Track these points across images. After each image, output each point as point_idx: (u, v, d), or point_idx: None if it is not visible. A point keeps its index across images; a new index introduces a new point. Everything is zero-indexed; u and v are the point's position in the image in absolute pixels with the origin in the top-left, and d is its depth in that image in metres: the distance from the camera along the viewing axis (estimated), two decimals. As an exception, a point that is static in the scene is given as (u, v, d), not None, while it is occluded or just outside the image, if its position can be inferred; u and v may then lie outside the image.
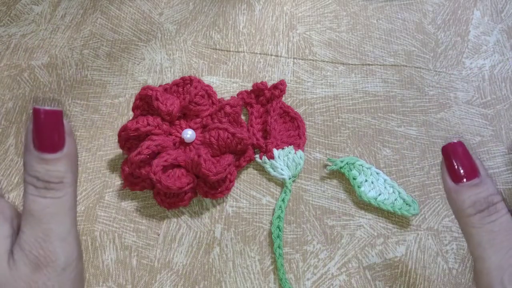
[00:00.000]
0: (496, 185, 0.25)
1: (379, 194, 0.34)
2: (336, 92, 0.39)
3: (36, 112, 0.23)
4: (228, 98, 0.37)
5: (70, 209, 0.24)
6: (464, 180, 0.25)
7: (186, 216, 0.34)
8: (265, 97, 0.36)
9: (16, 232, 0.24)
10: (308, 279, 0.32)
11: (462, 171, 0.25)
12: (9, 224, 0.24)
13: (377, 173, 0.35)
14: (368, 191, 0.34)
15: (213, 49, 0.41)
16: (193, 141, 0.34)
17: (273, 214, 0.34)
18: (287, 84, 0.38)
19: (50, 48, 0.41)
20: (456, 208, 0.25)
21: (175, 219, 0.34)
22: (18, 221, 0.25)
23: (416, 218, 0.34)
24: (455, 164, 0.25)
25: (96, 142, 0.36)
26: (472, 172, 0.25)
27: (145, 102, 0.33)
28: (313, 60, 0.40)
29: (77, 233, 0.25)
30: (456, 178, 0.25)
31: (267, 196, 0.35)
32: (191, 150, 0.33)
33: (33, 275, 0.23)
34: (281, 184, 0.35)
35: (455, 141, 0.25)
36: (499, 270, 0.23)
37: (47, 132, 0.23)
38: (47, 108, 0.23)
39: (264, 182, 0.35)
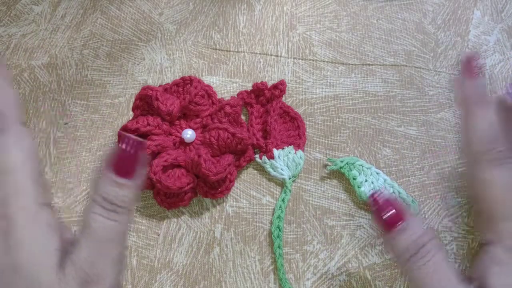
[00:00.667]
0: (424, 224, 0.26)
1: (382, 189, 0.34)
2: (336, 92, 0.39)
3: (123, 139, 0.25)
4: (228, 98, 0.37)
5: (125, 234, 0.26)
6: (393, 227, 0.25)
7: (186, 216, 0.34)
8: (265, 97, 0.36)
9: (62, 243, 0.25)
10: (308, 279, 0.32)
11: (389, 219, 0.25)
12: (58, 237, 0.25)
13: (377, 173, 0.35)
14: (368, 191, 0.34)
15: (213, 49, 0.41)
16: (193, 141, 0.34)
17: (273, 214, 0.34)
18: (287, 84, 0.38)
19: (50, 48, 0.41)
20: (394, 256, 0.26)
21: (175, 219, 0.34)
22: (63, 230, 0.25)
23: (418, 216, 0.34)
24: (381, 213, 0.26)
25: (96, 142, 0.37)
26: (398, 218, 0.25)
27: (145, 102, 0.33)
28: (313, 60, 0.40)
29: (124, 257, 0.26)
30: (386, 226, 0.25)
31: (267, 196, 0.35)
32: (191, 150, 0.33)
33: None
34: (281, 184, 0.35)
35: (376, 191, 0.26)
36: None
37: (129, 159, 0.25)
38: (134, 137, 0.24)
39: (264, 182, 0.35)
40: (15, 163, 0.25)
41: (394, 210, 0.25)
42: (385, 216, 0.25)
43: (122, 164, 0.25)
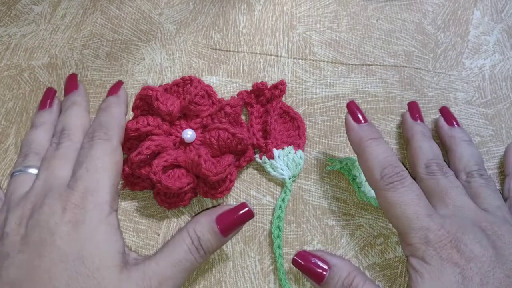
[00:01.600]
0: (348, 262, 0.29)
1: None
2: (336, 92, 0.39)
3: (243, 206, 0.29)
4: (228, 98, 0.37)
5: (191, 273, 0.30)
6: (322, 280, 0.28)
7: (186, 216, 0.34)
8: (265, 97, 0.36)
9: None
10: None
11: (315, 275, 0.29)
12: (123, 242, 0.28)
13: (377, 173, 0.35)
14: (368, 191, 0.34)
15: (213, 49, 0.41)
16: (193, 141, 0.34)
17: (273, 214, 0.34)
18: (287, 84, 0.38)
19: (50, 48, 0.41)
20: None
21: (175, 219, 0.34)
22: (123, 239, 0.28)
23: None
24: (309, 271, 0.29)
25: (96, 142, 0.36)
26: (322, 270, 0.28)
27: (145, 102, 0.33)
28: (313, 60, 0.40)
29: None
30: (317, 280, 0.29)
31: (267, 196, 0.35)
32: (191, 150, 0.33)
33: None
34: (281, 184, 0.35)
35: (300, 251, 0.30)
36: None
37: (236, 222, 0.29)
38: (251, 209, 0.29)
39: (264, 182, 0.35)
40: (106, 165, 0.28)
41: (315, 266, 0.28)
42: (310, 274, 0.29)
43: (228, 223, 0.28)
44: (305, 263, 0.29)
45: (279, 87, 0.36)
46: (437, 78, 0.40)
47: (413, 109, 0.36)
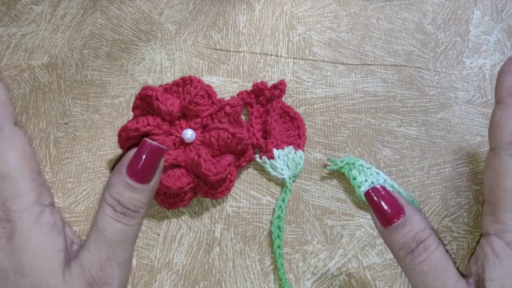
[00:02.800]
0: (425, 218, 0.26)
1: (382, 185, 0.34)
2: (336, 92, 0.39)
3: (144, 144, 0.24)
4: (228, 98, 0.37)
5: (135, 239, 0.25)
6: (391, 222, 0.25)
7: (186, 216, 0.34)
8: (265, 97, 0.36)
9: (67, 244, 0.24)
10: (308, 279, 0.32)
11: (387, 214, 0.25)
12: (63, 237, 0.24)
13: (377, 173, 0.35)
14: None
15: (213, 49, 0.41)
16: (193, 141, 0.34)
17: (273, 214, 0.34)
18: (287, 84, 0.38)
19: (50, 48, 0.41)
20: (392, 251, 0.25)
21: (175, 219, 0.34)
22: (67, 231, 0.25)
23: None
24: (380, 208, 0.25)
25: (96, 142, 0.37)
26: (397, 212, 0.25)
27: (145, 102, 0.33)
28: (313, 60, 0.40)
29: (131, 261, 0.26)
30: (384, 221, 0.25)
31: (267, 196, 0.35)
32: (191, 150, 0.33)
33: None
34: (281, 184, 0.35)
35: (377, 185, 0.26)
36: None
37: (146, 164, 0.24)
38: (154, 143, 0.24)
39: (264, 182, 0.35)
40: (12, 166, 0.24)
41: (391, 205, 0.25)
42: (382, 210, 0.25)
43: (139, 168, 0.24)
44: (378, 199, 0.25)
45: (279, 87, 0.36)
46: (438, 77, 0.40)
47: None
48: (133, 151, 0.25)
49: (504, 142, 0.26)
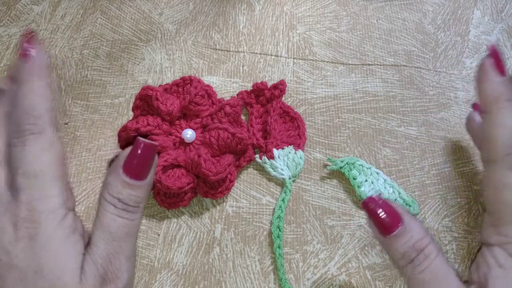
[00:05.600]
0: (423, 225, 0.25)
1: (379, 194, 0.34)
2: (336, 92, 0.39)
3: (138, 143, 0.25)
4: (228, 98, 0.37)
5: (137, 232, 0.26)
6: (390, 231, 0.25)
7: (186, 216, 0.34)
8: (265, 97, 0.36)
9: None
10: (308, 279, 0.32)
11: (385, 223, 0.25)
12: (83, 241, 0.25)
13: (377, 173, 0.35)
14: (368, 191, 0.34)
15: (213, 49, 0.41)
16: (193, 141, 0.34)
17: (273, 214, 0.34)
18: (287, 84, 0.38)
19: (50, 48, 0.41)
20: (392, 260, 0.25)
21: (175, 219, 0.34)
22: (85, 235, 0.26)
23: (416, 218, 0.34)
24: (377, 218, 0.25)
25: (96, 142, 0.37)
26: (395, 221, 0.25)
27: (145, 102, 0.33)
28: (313, 60, 0.40)
29: (136, 255, 0.27)
30: (381, 231, 0.25)
31: (267, 196, 0.35)
32: (191, 150, 0.33)
33: None
34: (281, 184, 0.35)
35: (373, 195, 0.26)
36: None
37: (141, 162, 0.25)
38: (147, 141, 0.25)
39: (264, 182, 0.35)
40: (46, 166, 0.25)
41: (388, 214, 0.25)
42: (380, 220, 0.25)
43: (135, 167, 0.25)
44: (375, 208, 0.25)
45: (279, 87, 0.36)
46: (438, 77, 0.39)
47: (496, 58, 0.27)
48: (127, 150, 0.25)
49: (500, 155, 0.25)
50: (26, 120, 0.25)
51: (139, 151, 0.25)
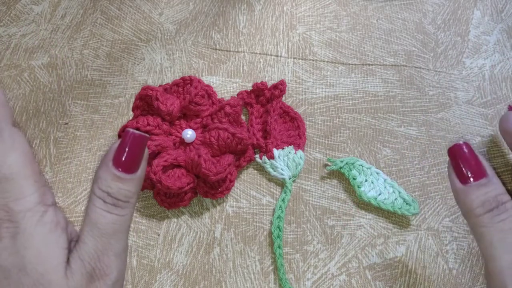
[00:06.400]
0: (503, 186, 0.25)
1: (379, 194, 0.34)
2: (336, 92, 0.39)
3: (127, 134, 0.24)
4: (228, 98, 0.37)
5: (128, 228, 0.25)
6: (472, 180, 0.25)
7: (186, 216, 0.34)
8: (265, 97, 0.36)
9: (70, 241, 0.25)
10: (308, 279, 0.32)
11: (469, 172, 0.25)
12: (66, 235, 0.25)
13: (377, 173, 0.35)
14: (368, 191, 0.34)
15: (213, 49, 0.41)
16: (193, 141, 0.34)
17: (273, 214, 0.34)
18: (287, 84, 0.38)
19: (50, 48, 0.41)
20: (465, 209, 0.25)
21: (175, 219, 0.34)
22: (69, 229, 0.25)
23: (416, 218, 0.34)
24: (462, 165, 0.25)
25: (96, 142, 0.37)
26: (480, 172, 0.25)
27: (145, 102, 0.33)
28: (313, 60, 0.40)
29: (127, 251, 0.26)
30: (463, 179, 0.25)
31: (267, 196, 0.35)
32: (191, 150, 0.33)
33: (86, 286, 0.23)
34: (281, 184, 0.35)
35: (461, 142, 0.25)
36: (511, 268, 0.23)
37: (131, 154, 0.24)
38: (137, 132, 0.24)
39: (264, 182, 0.35)
40: (14, 167, 0.24)
41: (475, 164, 0.25)
42: (466, 168, 0.25)
43: (124, 159, 0.24)
44: (470, 153, 0.25)
45: (279, 87, 0.36)
46: (438, 77, 0.40)
47: None
48: (117, 143, 0.25)
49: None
50: None
51: (128, 143, 0.24)
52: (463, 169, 0.25)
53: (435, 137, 0.37)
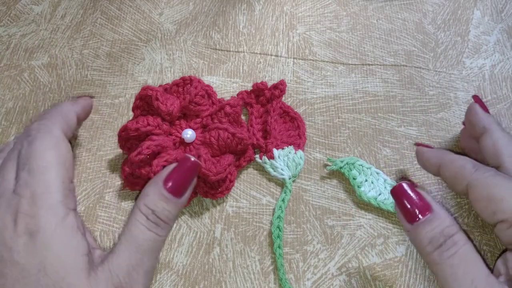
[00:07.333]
0: (451, 216, 0.25)
1: (379, 194, 0.34)
2: (336, 92, 0.39)
3: (186, 160, 0.27)
4: (228, 98, 0.37)
5: (160, 250, 0.26)
6: (418, 218, 0.25)
7: (186, 216, 0.34)
8: (265, 97, 0.36)
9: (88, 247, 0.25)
10: (308, 279, 0.32)
11: (415, 209, 0.25)
12: (86, 242, 0.25)
13: (377, 173, 0.35)
14: (368, 191, 0.34)
15: (213, 49, 0.41)
16: (193, 141, 0.34)
17: (273, 214, 0.34)
18: (287, 84, 0.38)
19: (50, 48, 0.41)
20: (418, 248, 0.25)
21: (175, 219, 0.34)
22: (88, 237, 0.26)
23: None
24: (406, 205, 0.25)
25: (96, 142, 0.37)
26: (425, 208, 0.25)
27: (145, 102, 0.33)
28: (313, 60, 0.40)
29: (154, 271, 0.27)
30: (411, 218, 0.25)
31: (267, 196, 0.35)
32: (191, 150, 0.33)
33: None
34: (281, 184, 0.35)
35: (402, 182, 0.26)
36: None
37: (183, 178, 0.26)
38: (195, 160, 0.26)
39: (264, 182, 0.35)
40: (49, 163, 0.25)
41: (418, 202, 0.25)
42: (410, 207, 0.25)
43: (175, 182, 0.26)
44: (405, 196, 0.25)
45: (279, 87, 0.36)
46: (438, 77, 0.40)
47: (481, 102, 0.32)
48: (173, 165, 0.26)
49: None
50: (36, 123, 0.27)
51: (185, 168, 0.26)
52: (409, 207, 0.25)
53: (435, 137, 0.37)
